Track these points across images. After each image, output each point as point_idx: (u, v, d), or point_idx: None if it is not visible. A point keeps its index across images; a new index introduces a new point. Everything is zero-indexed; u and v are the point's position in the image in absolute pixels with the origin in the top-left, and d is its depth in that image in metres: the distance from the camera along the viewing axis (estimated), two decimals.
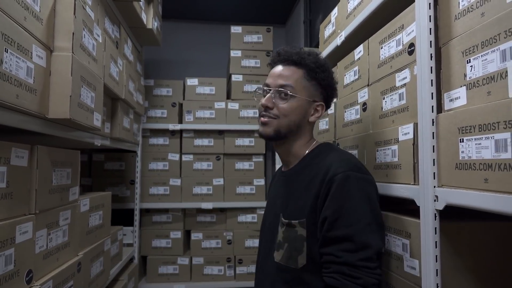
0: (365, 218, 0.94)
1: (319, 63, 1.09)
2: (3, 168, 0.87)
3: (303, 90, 1.07)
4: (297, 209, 1.01)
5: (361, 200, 0.95)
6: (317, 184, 0.98)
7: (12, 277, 0.88)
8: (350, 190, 0.95)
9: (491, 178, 0.75)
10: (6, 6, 0.81)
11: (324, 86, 1.12)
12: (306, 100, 1.08)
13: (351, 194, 0.94)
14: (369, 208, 0.96)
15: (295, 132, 1.08)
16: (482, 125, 0.78)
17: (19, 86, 0.86)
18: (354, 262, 0.90)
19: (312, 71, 1.08)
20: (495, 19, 0.78)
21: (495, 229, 0.98)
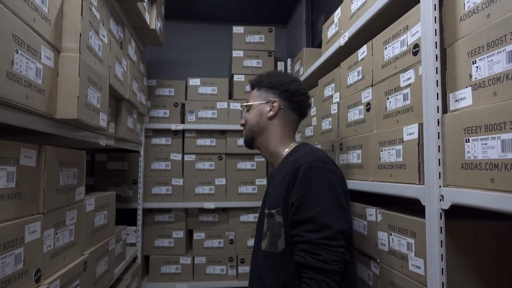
0: (327, 202, 1.05)
1: (264, 75, 1.37)
2: (13, 168, 0.87)
3: (256, 99, 1.34)
4: (275, 200, 1.15)
5: (323, 187, 1.06)
6: (288, 175, 1.12)
7: (21, 276, 0.89)
8: (313, 178, 1.07)
9: (497, 178, 0.76)
10: (16, 8, 0.81)
11: (273, 87, 1.32)
12: (260, 104, 1.32)
13: (313, 181, 1.06)
14: (330, 193, 1.06)
15: (260, 131, 1.32)
16: (488, 125, 0.79)
17: (28, 86, 0.87)
18: (316, 241, 1.01)
19: (258, 83, 1.36)
20: (501, 20, 0.78)
21: (500, 228, 0.98)
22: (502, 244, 0.98)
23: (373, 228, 1.32)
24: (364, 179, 1.41)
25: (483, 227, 0.97)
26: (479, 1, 0.86)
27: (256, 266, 1.22)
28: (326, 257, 0.99)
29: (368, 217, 1.37)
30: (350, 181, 1.54)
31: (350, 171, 1.56)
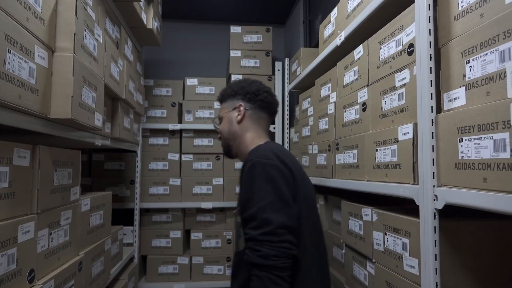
0: (267, 197, 1.04)
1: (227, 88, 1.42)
2: (6, 168, 0.87)
3: (222, 110, 1.40)
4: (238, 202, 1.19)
5: (264, 183, 1.06)
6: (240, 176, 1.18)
7: (14, 276, 0.89)
8: (254, 175, 1.08)
9: (490, 178, 0.76)
10: (8, 7, 0.81)
11: (234, 94, 1.37)
12: (228, 113, 1.36)
13: (254, 178, 1.08)
14: (271, 189, 1.05)
15: (233, 137, 1.35)
16: (481, 125, 0.79)
17: (21, 86, 0.86)
18: (256, 237, 1.01)
19: (223, 96, 1.41)
20: (494, 20, 0.78)
21: (495, 228, 0.98)
22: (497, 244, 0.98)
23: (369, 228, 1.32)
24: (360, 179, 1.41)
25: (477, 227, 0.97)
26: (473, 1, 0.86)
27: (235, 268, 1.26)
28: (267, 253, 0.98)
29: (364, 217, 1.37)
30: (346, 181, 1.54)
31: (346, 171, 1.56)
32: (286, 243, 1.01)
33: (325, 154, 1.82)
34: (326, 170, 1.80)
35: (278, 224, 1.01)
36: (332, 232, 1.85)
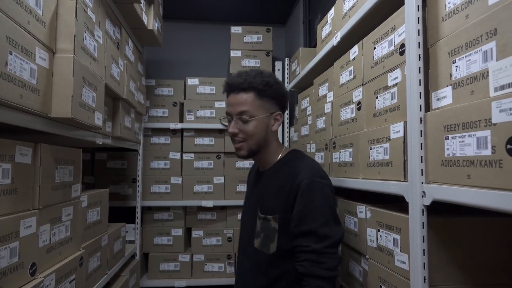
0: (325, 215, 1.14)
1: (265, 82, 1.22)
2: (8, 165, 0.91)
3: (259, 109, 1.22)
4: (272, 207, 1.21)
5: (321, 201, 1.15)
6: (288, 187, 1.18)
7: (17, 269, 0.92)
8: (313, 193, 1.15)
9: (473, 174, 0.78)
10: (10, 11, 0.85)
11: (275, 97, 1.26)
12: (264, 116, 1.24)
13: (313, 196, 1.15)
14: (328, 207, 1.15)
15: (265, 144, 1.27)
16: (465, 123, 0.81)
17: (23, 86, 0.90)
18: (321, 250, 1.10)
19: (262, 91, 1.22)
20: (478, 21, 0.81)
21: (483, 224, 1.00)
22: (485, 240, 1.00)
23: (363, 225, 1.35)
24: (355, 177, 1.43)
25: (465, 223, 1.00)
26: (459, 2, 0.89)
27: (246, 257, 1.31)
28: (331, 265, 1.11)
29: (359, 214, 1.40)
30: (342, 179, 1.56)
31: (342, 169, 1.58)
32: (338, 253, 1.16)
33: (322, 153, 1.85)
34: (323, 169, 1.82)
35: (335, 239, 1.13)
36: None
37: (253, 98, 1.22)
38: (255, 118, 1.21)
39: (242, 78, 1.22)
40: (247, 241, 1.30)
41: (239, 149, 1.25)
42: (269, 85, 1.23)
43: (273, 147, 1.30)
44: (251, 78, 1.22)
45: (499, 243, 1.00)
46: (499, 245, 1.00)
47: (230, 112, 1.25)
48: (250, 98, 1.22)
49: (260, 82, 1.21)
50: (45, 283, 1.04)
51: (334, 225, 1.15)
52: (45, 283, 1.05)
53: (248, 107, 1.21)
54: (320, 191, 1.16)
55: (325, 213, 1.14)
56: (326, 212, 1.15)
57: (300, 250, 1.13)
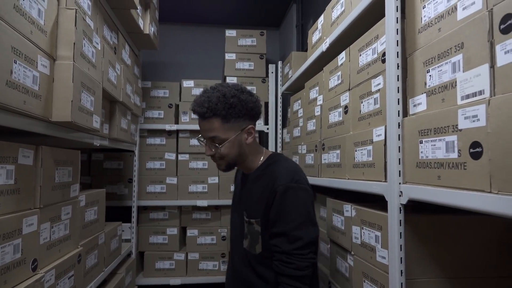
0: (298, 218, 1.20)
1: (228, 105, 1.21)
2: (12, 166, 0.97)
3: (228, 132, 1.24)
4: (255, 211, 1.29)
5: (296, 205, 1.21)
6: (267, 193, 1.24)
7: (19, 264, 0.98)
8: (288, 198, 1.21)
9: (443, 175, 0.86)
10: (14, 22, 0.90)
11: (243, 115, 1.25)
12: (235, 136, 1.25)
13: (288, 201, 1.21)
14: (303, 210, 1.21)
15: (242, 157, 1.32)
16: (436, 129, 0.88)
17: (26, 93, 0.96)
18: (290, 251, 1.18)
19: (226, 116, 1.22)
20: (448, 34, 0.88)
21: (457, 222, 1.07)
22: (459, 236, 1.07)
23: (349, 223, 1.42)
24: (342, 177, 1.50)
25: (440, 221, 1.07)
26: (433, 16, 0.96)
27: (237, 256, 1.38)
28: (299, 265, 1.17)
29: (345, 213, 1.47)
30: (330, 179, 1.63)
31: (330, 170, 1.65)
32: (311, 254, 1.20)
33: (312, 154, 1.92)
34: (313, 169, 1.89)
35: (307, 241, 1.19)
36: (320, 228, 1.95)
37: (219, 123, 1.22)
38: (226, 141, 1.23)
39: (204, 107, 1.20)
40: (238, 240, 1.38)
41: (219, 165, 1.32)
42: (233, 106, 1.21)
43: (252, 156, 1.34)
44: (213, 105, 1.20)
45: (473, 239, 1.07)
46: (473, 241, 1.07)
47: (203, 136, 1.29)
48: (217, 124, 1.22)
49: (223, 107, 1.20)
50: (45, 278, 1.10)
51: (306, 228, 1.20)
52: (46, 278, 1.11)
53: (216, 133, 1.23)
54: (294, 196, 1.21)
55: (298, 216, 1.20)
56: (300, 215, 1.20)
57: (274, 250, 1.22)
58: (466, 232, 1.07)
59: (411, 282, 1.04)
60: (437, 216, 1.07)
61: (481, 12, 0.77)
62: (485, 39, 0.75)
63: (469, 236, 1.07)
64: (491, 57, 0.73)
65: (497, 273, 1.07)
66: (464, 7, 0.83)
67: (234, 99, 1.22)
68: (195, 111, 1.25)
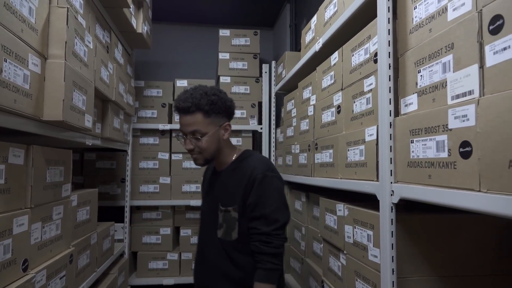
0: (275, 202, 1.35)
1: (210, 101, 1.33)
2: (2, 166, 0.96)
3: (208, 126, 1.35)
4: (231, 199, 1.39)
5: (273, 191, 1.36)
6: (245, 181, 1.36)
7: (10, 264, 0.97)
8: (266, 184, 1.35)
9: (433, 175, 0.86)
10: (4, 20, 0.90)
11: (221, 112, 1.38)
12: (214, 131, 1.37)
13: (266, 187, 1.35)
14: (278, 196, 1.37)
15: (218, 152, 1.43)
16: (427, 128, 0.89)
17: (16, 91, 0.95)
18: (269, 232, 1.31)
19: (208, 110, 1.34)
20: (438, 35, 0.89)
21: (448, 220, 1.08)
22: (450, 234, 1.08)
23: (342, 222, 1.42)
24: (335, 177, 1.51)
25: (431, 220, 1.08)
26: (424, 17, 0.96)
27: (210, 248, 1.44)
28: (277, 244, 1.31)
29: (338, 212, 1.47)
30: (323, 179, 1.64)
31: (323, 170, 1.66)
32: (284, 234, 1.36)
33: (305, 154, 1.92)
34: (306, 169, 1.90)
35: (283, 222, 1.34)
36: (312, 227, 1.95)
37: (202, 118, 1.34)
38: (206, 135, 1.34)
39: (189, 102, 1.32)
40: (210, 233, 1.44)
41: (196, 159, 1.41)
42: (214, 103, 1.34)
43: (227, 151, 1.46)
44: (197, 100, 1.32)
45: (465, 238, 1.08)
46: (465, 239, 1.08)
47: (183, 131, 1.38)
48: (199, 118, 1.33)
49: (206, 103, 1.32)
50: (36, 279, 1.09)
51: (282, 211, 1.36)
52: (37, 279, 1.10)
53: (198, 127, 1.34)
54: (271, 183, 1.36)
55: (275, 201, 1.35)
56: (276, 200, 1.35)
57: (253, 232, 1.34)
58: (458, 231, 1.08)
59: (403, 281, 1.05)
60: (428, 215, 1.08)
61: (471, 13, 0.78)
62: (474, 40, 0.76)
63: (461, 235, 1.08)
64: (481, 58, 0.74)
65: (489, 272, 1.08)
66: (454, 8, 0.84)
67: (215, 97, 1.36)
68: (179, 106, 1.35)
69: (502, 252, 1.08)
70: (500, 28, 0.69)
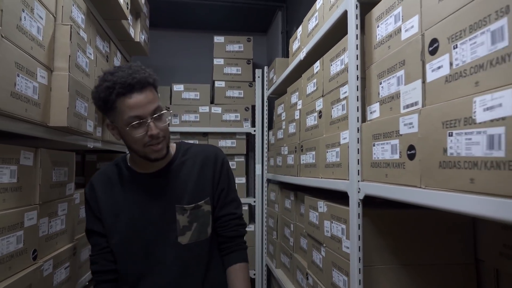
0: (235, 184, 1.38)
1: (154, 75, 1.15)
2: (14, 167, 1.09)
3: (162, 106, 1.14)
4: (199, 192, 1.23)
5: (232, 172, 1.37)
6: (211, 167, 1.27)
7: (21, 253, 1.11)
8: (229, 167, 1.34)
9: (389, 174, 1.00)
10: (17, 40, 1.03)
11: None
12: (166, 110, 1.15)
13: (229, 170, 1.34)
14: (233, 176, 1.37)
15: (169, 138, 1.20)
16: (385, 133, 1.02)
17: (27, 102, 1.08)
18: (241, 214, 1.34)
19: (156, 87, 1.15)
20: (394, 52, 1.02)
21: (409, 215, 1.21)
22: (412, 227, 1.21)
23: (322, 218, 1.56)
24: (317, 177, 1.64)
25: (392, 214, 1.21)
26: (384, 35, 1.10)
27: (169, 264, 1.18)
28: (245, 225, 1.35)
29: (319, 209, 1.61)
30: (307, 179, 1.77)
31: (307, 170, 1.79)
32: None
33: (292, 155, 2.06)
34: (293, 169, 2.03)
35: None
36: (299, 224, 2.09)
37: (155, 94, 1.14)
38: (164, 112, 1.12)
39: (144, 73, 1.10)
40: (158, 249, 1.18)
41: (161, 149, 1.13)
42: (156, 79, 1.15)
43: None
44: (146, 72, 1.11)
45: (424, 230, 1.21)
46: (425, 231, 1.21)
47: (142, 114, 1.07)
48: (154, 93, 1.12)
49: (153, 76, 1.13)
50: (44, 267, 1.23)
51: None
52: (45, 267, 1.23)
53: (158, 103, 1.11)
54: (229, 165, 1.36)
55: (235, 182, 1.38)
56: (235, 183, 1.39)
57: (229, 218, 1.29)
58: (417, 224, 1.22)
59: (369, 269, 1.19)
60: (391, 211, 1.21)
61: (417, 35, 0.92)
62: (419, 58, 0.89)
63: (419, 228, 1.21)
64: (423, 74, 0.88)
65: (444, 260, 1.21)
66: (406, 29, 0.98)
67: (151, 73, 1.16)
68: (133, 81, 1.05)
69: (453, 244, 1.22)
70: (436, 49, 0.83)
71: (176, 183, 1.22)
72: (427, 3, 0.88)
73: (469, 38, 0.72)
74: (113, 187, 1.22)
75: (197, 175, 1.24)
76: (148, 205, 1.20)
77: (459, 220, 1.23)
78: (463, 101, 0.71)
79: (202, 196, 1.23)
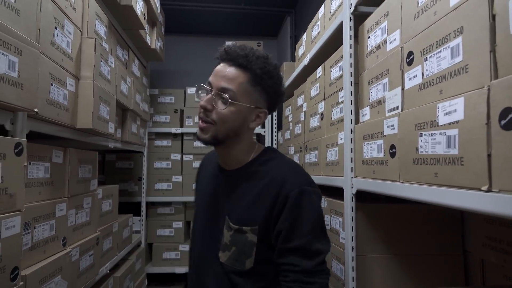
0: (316, 228, 0.99)
1: (267, 69, 1.02)
2: (47, 164, 1.25)
3: (245, 96, 1.01)
4: (249, 217, 1.02)
5: (312, 213, 0.99)
6: (272, 196, 0.99)
7: (53, 240, 1.27)
8: (303, 204, 0.98)
9: (376, 170, 1.11)
10: (51, 55, 1.19)
11: (269, 92, 1.05)
12: (247, 107, 1.02)
13: (303, 208, 0.98)
14: (318, 219, 1.01)
15: (234, 138, 1.04)
16: (373, 134, 1.14)
17: (59, 107, 1.24)
18: (311, 269, 0.96)
19: (258, 77, 1.01)
20: (381, 61, 1.14)
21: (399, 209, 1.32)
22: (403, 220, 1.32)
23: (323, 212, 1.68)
24: (319, 174, 1.76)
25: (385, 208, 1.32)
26: (374, 45, 1.21)
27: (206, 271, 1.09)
28: (321, 284, 0.97)
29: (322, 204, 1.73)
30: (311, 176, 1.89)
31: (311, 168, 1.91)
32: (327, 269, 1.02)
33: (298, 154, 2.18)
34: None
35: (326, 253, 1.00)
36: None
37: (245, 80, 1.00)
38: (236, 103, 0.99)
39: (243, 52, 1.02)
40: (209, 255, 1.08)
41: (203, 130, 1.02)
42: (269, 74, 1.03)
43: (244, 145, 1.09)
44: (253, 57, 1.02)
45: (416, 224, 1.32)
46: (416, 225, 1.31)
47: (212, 82, 1.02)
48: (242, 78, 1.00)
49: (261, 66, 1.01)
50: (72, 253, 1.39)
51: (324, 238, 1.01)
52: (72, 253, 1.39)
53: (234, 87, 0.99)
54: (309, 202, 0.99)
55: (315, 226, 0.99)
56: (316, 224, 1.00)
57: (288, 269, 0.97)
58: (407, 217, 1.32)
59: (362, 258, 1.30)
60: (380, 205, 1.32)
61: (398, 47, 1.03)
62: (399, 68, 1.01)
63: (411, 221, 1.32)
64: (402, 82, 0.99)
65: (434, 251, 1.32)
66: (390, 42, 1.09)
67: (275, 71, 1.06)
68: (229, 51, 1.03)
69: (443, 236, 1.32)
70: (412, 61, 0.94)
71: (234, 193, 1.07)
72: (406, 19, 1.00)
73: (436, 52, 0.83)
74: (207, 169, 1.23)
75: (255, 197, 1.02)
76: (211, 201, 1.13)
77: (448, 214, 1.33)
78: (430, 106, 0.82)
79: (250, 222, 1.01)
